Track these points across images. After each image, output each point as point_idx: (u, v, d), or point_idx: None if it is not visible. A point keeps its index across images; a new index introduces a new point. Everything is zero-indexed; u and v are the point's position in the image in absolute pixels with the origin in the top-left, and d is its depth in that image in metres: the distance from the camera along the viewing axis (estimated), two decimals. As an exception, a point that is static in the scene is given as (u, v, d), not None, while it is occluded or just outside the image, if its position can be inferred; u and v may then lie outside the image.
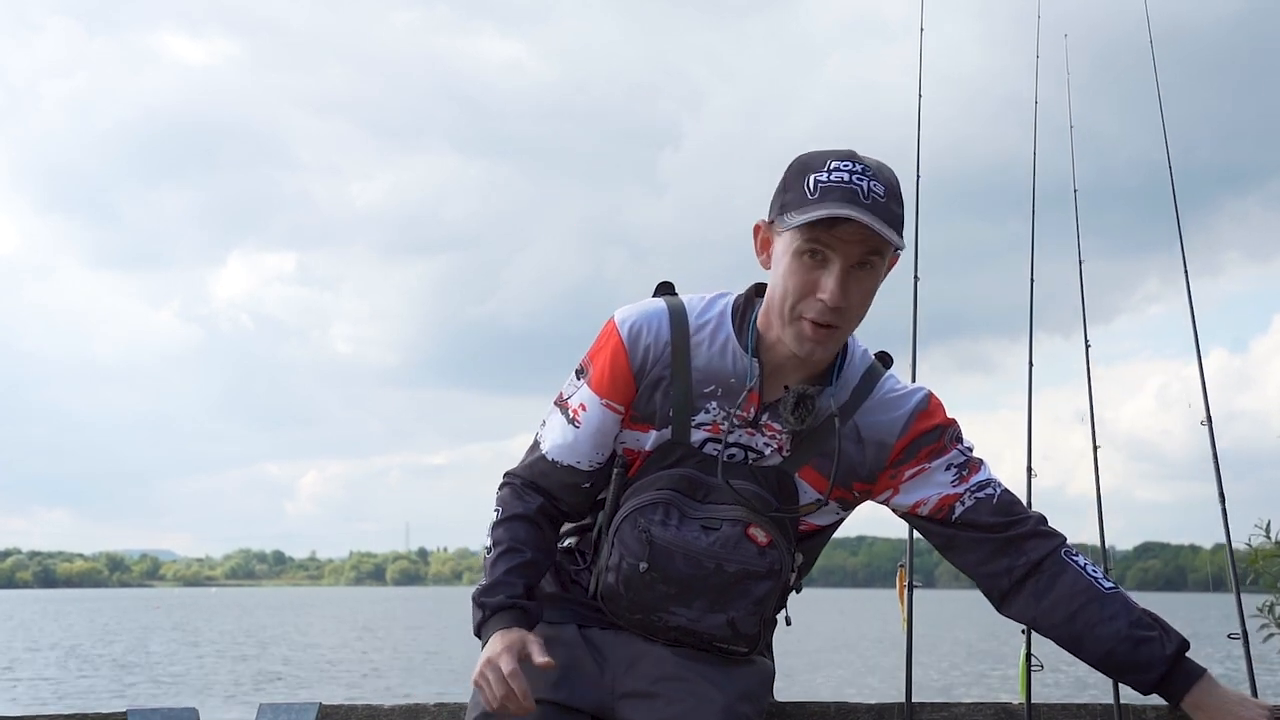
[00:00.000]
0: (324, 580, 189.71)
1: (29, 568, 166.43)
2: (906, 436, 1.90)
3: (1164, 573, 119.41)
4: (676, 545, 1.82)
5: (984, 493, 1.91)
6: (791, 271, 1.77)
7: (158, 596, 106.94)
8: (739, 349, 1.87)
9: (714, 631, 1.85)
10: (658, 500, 1.84)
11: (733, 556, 1.82)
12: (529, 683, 1.76)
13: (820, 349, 1.80)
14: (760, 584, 1.83)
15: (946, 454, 1.91)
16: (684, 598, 1.83)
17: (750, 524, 1.83)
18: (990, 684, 18.08)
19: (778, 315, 1.81)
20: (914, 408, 1.91)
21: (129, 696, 16.29)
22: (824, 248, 1.74)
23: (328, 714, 2.74)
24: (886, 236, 1.72)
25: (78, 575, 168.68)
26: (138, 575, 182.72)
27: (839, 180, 1.73)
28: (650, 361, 1.88)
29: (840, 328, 1.79)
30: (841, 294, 1.75)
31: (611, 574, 1.86)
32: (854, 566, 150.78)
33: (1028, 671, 2.96)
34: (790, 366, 1.86)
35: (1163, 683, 1.83)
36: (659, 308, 1.91)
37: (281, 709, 2.77)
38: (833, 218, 1.70)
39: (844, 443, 1.87)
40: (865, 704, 2.70)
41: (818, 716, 2.65)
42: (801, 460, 1.88)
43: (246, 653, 26.37)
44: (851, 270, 1.75)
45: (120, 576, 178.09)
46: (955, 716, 2.71)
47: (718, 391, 1.86)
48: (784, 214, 1.77)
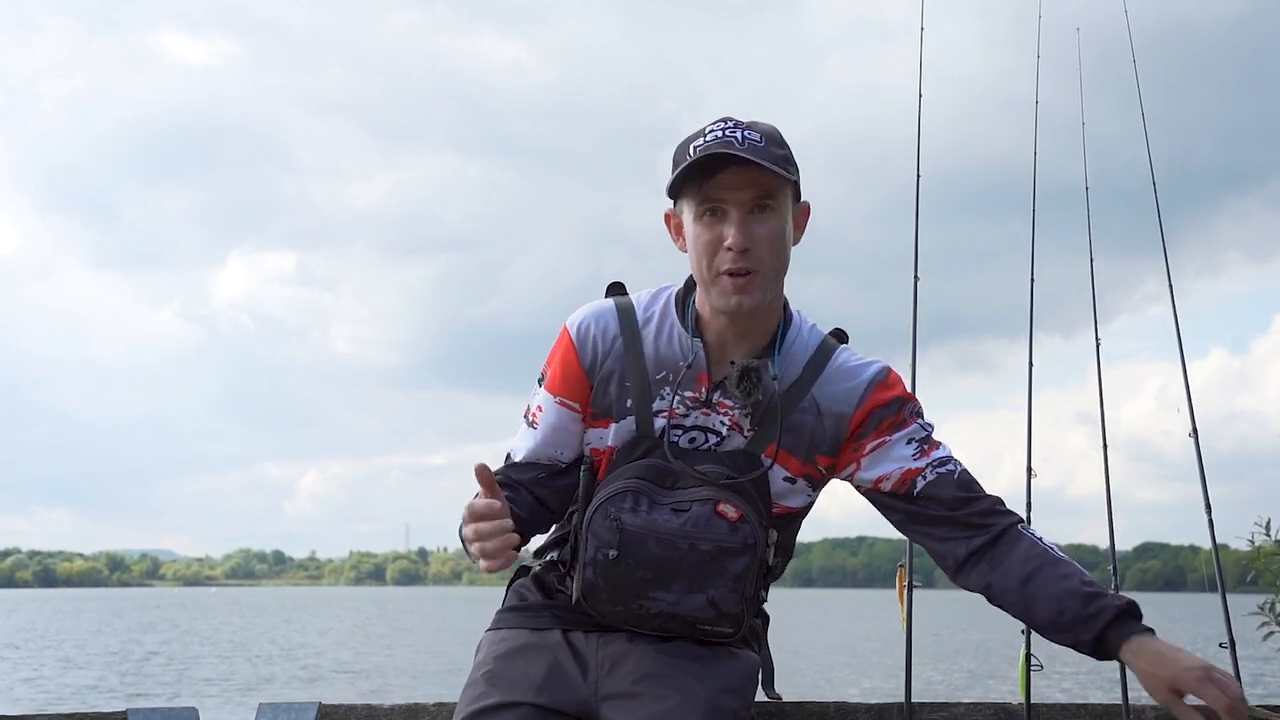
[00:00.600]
0: (324, 580, 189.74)
1: (29, 567, 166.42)
2: (864, 407, 1.92)
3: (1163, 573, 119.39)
4: (648, 529, 1.83)
5: (945, 469, 1.92)
6: (698, 235, 1.85)
7: (157, 596, 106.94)
8: (683, 332, 1.92)
9: (697, 613, 1.85)
10: (626, 489, 1.86)
11: (705, 535, 1.83)
12: (511, 686, 1.80)
13: (746, 297, 1.84)
14: (736, 560, 1.83)
15: (906, 427, 1.93)
16: (662, 581, 1.84)
17: (720, 501, 1.84)
18: (990, 684, 18.07)
19: (700, 282, 1.88)
20: (871, 378, 1.94)
21: (129, 696, 16.29)
22: (718, 202, 1.82)
23: (327, 713, 2.74)
24: (768, 168, 1.79)
25: (78, 575, 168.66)
26: (138, 575, 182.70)
27: (714, 139, 1.82)
28: (600, 356, 1.93)
29: (757, 271, 1.84)
30: (744, 237, 1.81)
31: (589, 568, 1.86)
32: (854, 567, 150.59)
33: (1027, 671, 2.97)
34: (733, 340, 1.91)
35: (1107, 630, 1.77)
36: (607, 305, 1.97)
37: (281, 708, 2.77)
38: (714, 165, 1.79)
39: (803, 416, 1.90)
40: (865, 704, 2.71)
41: (817, 716, 2.65)
42: (766, 440, 1.89)
43: (246, 652, 26.36)
44: (750, 216, 1.82)
45: (120, 576, 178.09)
46: (955, 716, 2.71)
47: (670, 377, 1.91)
48: (677, 187, 1.86)
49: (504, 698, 1.83)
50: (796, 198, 1.91)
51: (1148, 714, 2.68)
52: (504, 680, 1.86)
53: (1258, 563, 4.28)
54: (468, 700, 1.86)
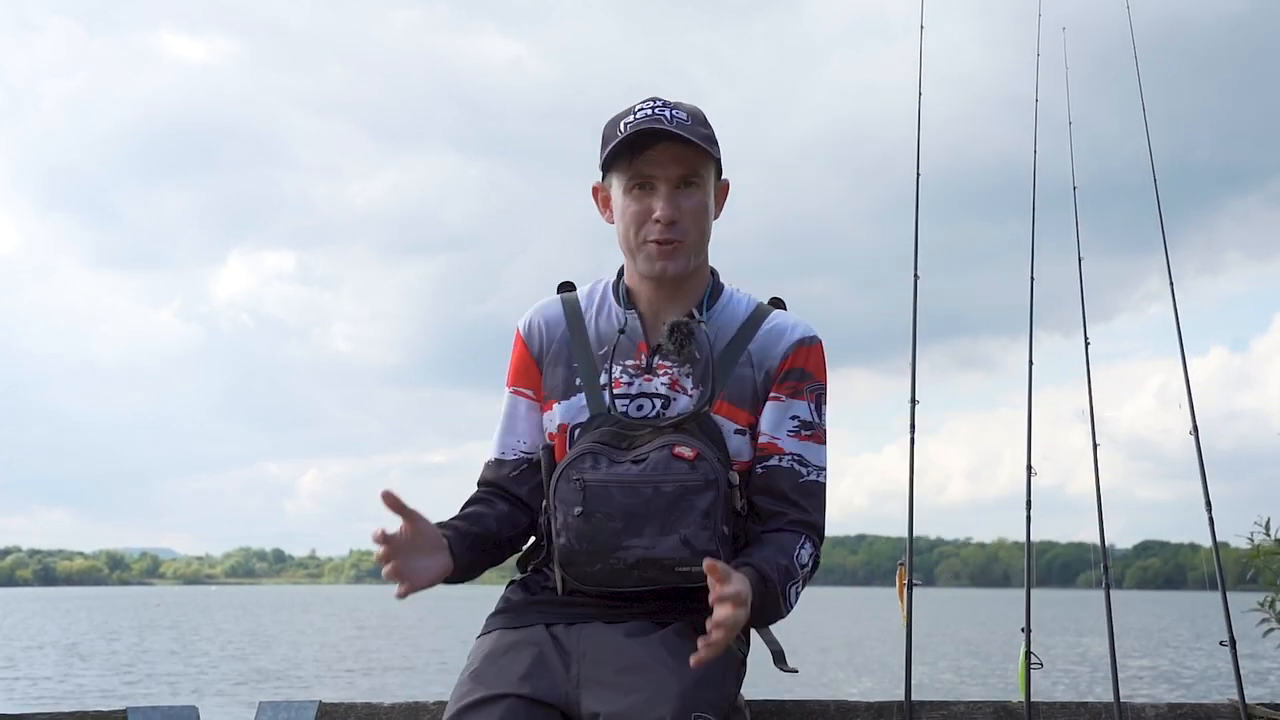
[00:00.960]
0: (324, 578, 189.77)
1: (29, 566, 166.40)
2: (786, 363, 2.01)
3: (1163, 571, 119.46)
4: (611, 481, 1.90)
5: (802, 468, 1.99)
6: (626, 207, 1.97)
7: (158, 595, 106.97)
8: (616, 306, 2.05)
9: (672, 554, 1.88)
10: (585, 452, 1.94)
11: (666, 477, 1.88)
12: (496, 681, 1.86)
13: (670, 263, 1.96)
14: (701, 496, 1.88)
15: (800, 399, 2.00)
16: (633, 528, 1.88)
17: (675, 445, 1.90)
18: (990, 682, 18.07)
19: (628, 250, 2.00)
20: (799, 338, 2.02)
21: (129, 695, 16.30)
22: (647, 177, 1.94)
23: (327, 712, 2.74)
24: (696, 144, 1.91)
25: (78, 573, 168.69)
26: (138, 573, 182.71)
27: (644, 116, 1.94)
28: (546, 343, 2.07)
29: (681, 241, 1.95)
30: (672, 210, 1.94)
31: (563, 534, 1.92)
32: (853, 565, 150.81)
33: (1027, 670, 2.97)
34: (664, 306, 2.01)
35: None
36: (552, 299, 2.12)
37: (281, 707, 2.77)
38: (644, 141, 1.91)
39: (743, 370, 2.00)
40: (865, 702, 2.71)
41: (817, 715, 2.65)
42: (712, 395, 1.97)
43: (246, 651, 26.38)
44: (677, 191, 1.95)
45: (120, 575, 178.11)
46: (955, 715, 2.71)
47: (611, 351, 2.01)
48: (608, 162, 1.97)
49: (489, 692, 1.86)
50: (718, 175, 2.03)
51: (1147, 712, 2.68)
52: (489, 676, 1.90)
53: (1257, 561, 4.29)
54: (455, 699, 1.90)
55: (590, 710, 1.84)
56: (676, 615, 1.95)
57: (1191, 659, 24.45)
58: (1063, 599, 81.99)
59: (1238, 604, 3.26)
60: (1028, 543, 3.35)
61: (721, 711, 1.86)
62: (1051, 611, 49.72)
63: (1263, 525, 4.56)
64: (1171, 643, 30.67)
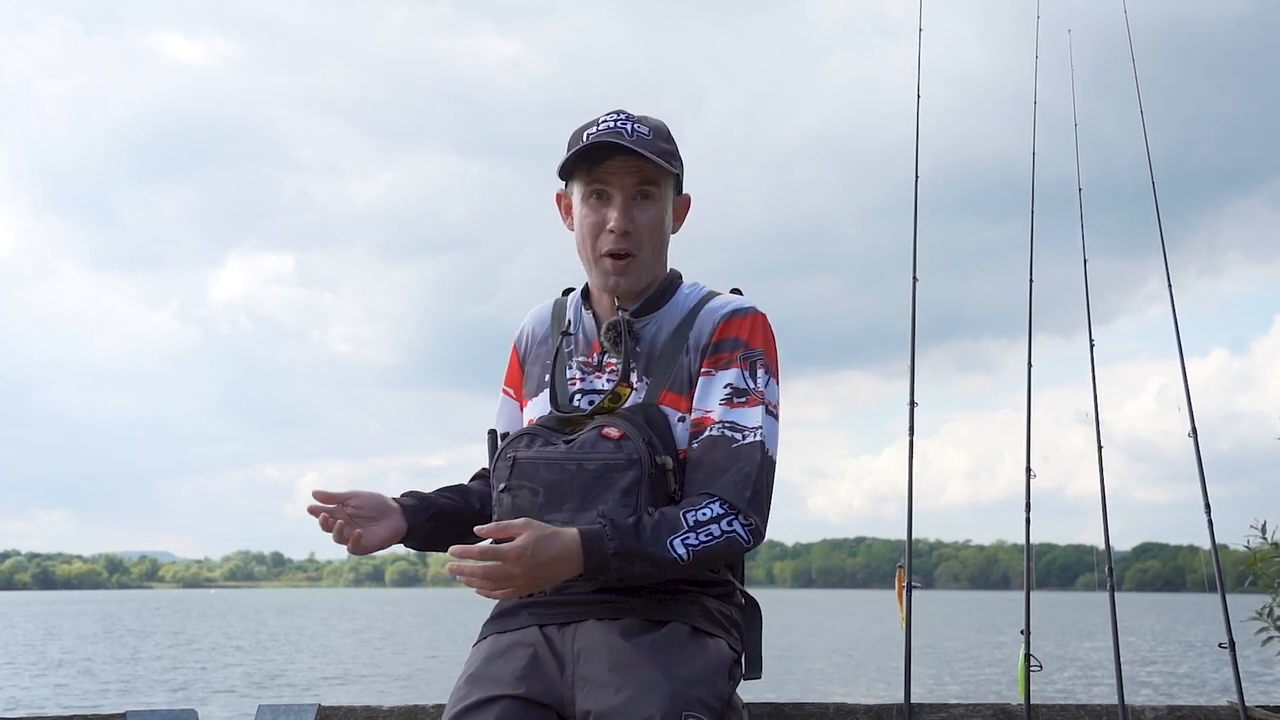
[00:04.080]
0: (323, 582, 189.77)
1: (28, 569, 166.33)
2: (714, 337, 2.03)
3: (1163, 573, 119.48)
4: (539, 458, 1.96)
5: (733, 432, 1.97)
6: (583, 216, 2.04)
7: (157, 598, 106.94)
8: (580, 308, 2.14)
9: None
10: (524, 432, 2.02)
11: (591, 455, 1.93)
12: (492, 683, 1.89)
13: (623, 279, 2.03)
14: (623, 475, 1.91)
15: (730, 368, 2.00)
16: (554, 503, 1.93)
17: (604, 426, 1.95)
18: (989, 685, 18.06)
19: (585, 261, 2.08)
20: (728, 312, 2.04)
21: (128, 698, 16.29)
22: (603, 186, 2.01)
23: (326, 715, 2.74)
24: (652, 160, 1.96)
25: (77, 577, 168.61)
26: (137, 577, 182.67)
27: (606, 128, 2.00)
28: (530, 344, 2.19)
29: (635, 255, 2.02)
30: (626, 220, 2.00)
31: (495, 511, 1.99)
32: (853, 567, 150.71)
33: (1027, 672, 2.97)
34: (614, 309, 2.06)
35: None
36: (545, 304, 2.23)
37: (281, 710, 2.77)
38: (602, 152, 1.97)
39: (683, 358, 2.03)
40: (864, 705, 2.71)
41: (817, 717, 2.65)
42: (657, 391, 2.02)
43: (245, 654, 26.37)
44: (632, 201, 2.01)
45: (119, 578, 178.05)
46: (954, 717, 2.71)
47: (574, 351, 2.11)
48: (569, 170, 2.04)
49: (485, 694, 1.88)
50: (678, 190, 2.10)
51: (1147, 714, 2.68)
52: (485, 679, 1.91)
53: (1255, 567, 4.28)
54: (452, 703, 1.92)
55: (583, 709, 1.85)
56: (670, 615, 1.94)
57: (1190, 661, 24.44)
58: (1062, 601, 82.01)
59: (1237, 606, 3.26)
60: (1027, 545, 3.35)
61: (714, 711, 1.86)
62: (1051, 614, 49.72)
63: (1259, 529, 4.55)
64: (1171, 645, 30.66)
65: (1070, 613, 51.95)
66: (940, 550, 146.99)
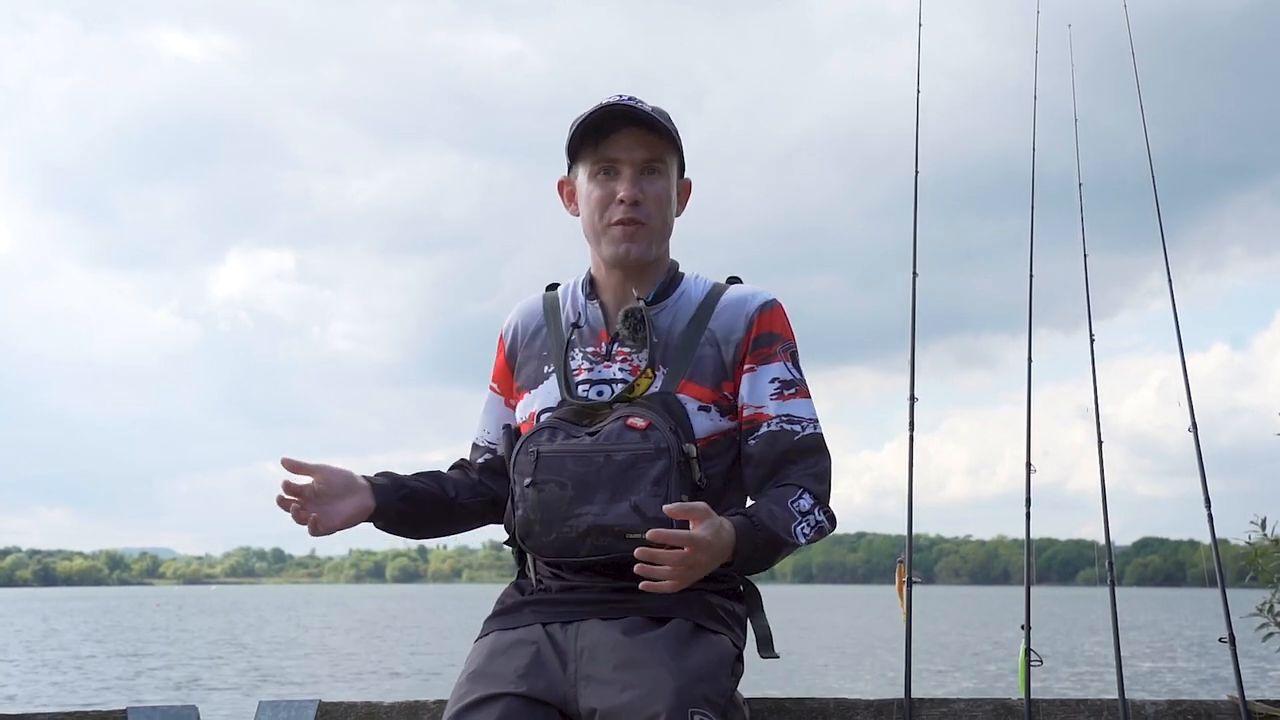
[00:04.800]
0: (324, 578, 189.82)
1: (29, 566, 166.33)
2: (753, 332, 2.06)
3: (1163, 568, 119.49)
4: (565, 451, 1.95)
5: (791, 425, 2.02)
6: (591, 192, 2.04)
7: (158, 595, 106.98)
8: (580, 297, 2.13)
9: (623, 521, 1.90)
10: (544, 426, 2.00)
11: (619, 446, 1.93)
12: (494, 681, 1.88)
13: (634, 245, 2.03)
14: (653, 465, 1.91)
15: (774, 362, 2.05)
16: (584, 496, 1.92)
17: (629, 416, 1.95)
18: (990, 680, 18.08)
19: (593, 237, 2.07)
20: (759, 306, 2.08)
21: (129, 694, 16.30)
22: (611, 161, 2.02)
23: (327, 711, 2.74)
24: (662, 128, 2.00)
25: (77, 574, 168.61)
26: (137, 573, 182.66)
27: (611, 103, 2.02)
28: (522, 339, 2.17)
29: (645, 223, 2.03)
30: (635, 190, 2.01)
31: (520, 506, 1.98)
32: (853, 562, 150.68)
33: (1027, 667, 2.97)
34: (626, 296, 2.07)
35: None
36: (534, 297, 2.22)
37: (281, 706, 2.77)
38: (609, 125, 2.00)
39: (704, 349, 2.04)
40: (865, 700, 2.71)
41: (818, 713, 2.65)
42: (675, 380, 2.02)
43: (246, 651, 26.38)
44: (641, 175, 2.02)
45: (120, 575, 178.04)
46: (954, 712, 2.71)
47: (577, 340, 2.09)
48: (575, 149, 2.05)
49: (488, 691, 1.88)
50: (681, 171, 2.11)
51: (1147, 709, 2.68)
52: (487, 676, 1.91)
53: (1255, 562, 4.28)
54: (454, 700, 1.91)
55: (588, 707, 1.85)
56: (672, 612, 1.95)
57: (1191, 656, 24.46)
58: (1063, 596, 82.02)
59: (1237, 601, 3.26)
60: (1027, 540, 3.35)
61: (718, 708, 1.86)
62: (1051, 609, 49.74)
63: (1259, 524, 4.56)
64: (1171, 639, 30.68)
65: (1071, 608, 51.99)
66: (941, 545, 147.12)
